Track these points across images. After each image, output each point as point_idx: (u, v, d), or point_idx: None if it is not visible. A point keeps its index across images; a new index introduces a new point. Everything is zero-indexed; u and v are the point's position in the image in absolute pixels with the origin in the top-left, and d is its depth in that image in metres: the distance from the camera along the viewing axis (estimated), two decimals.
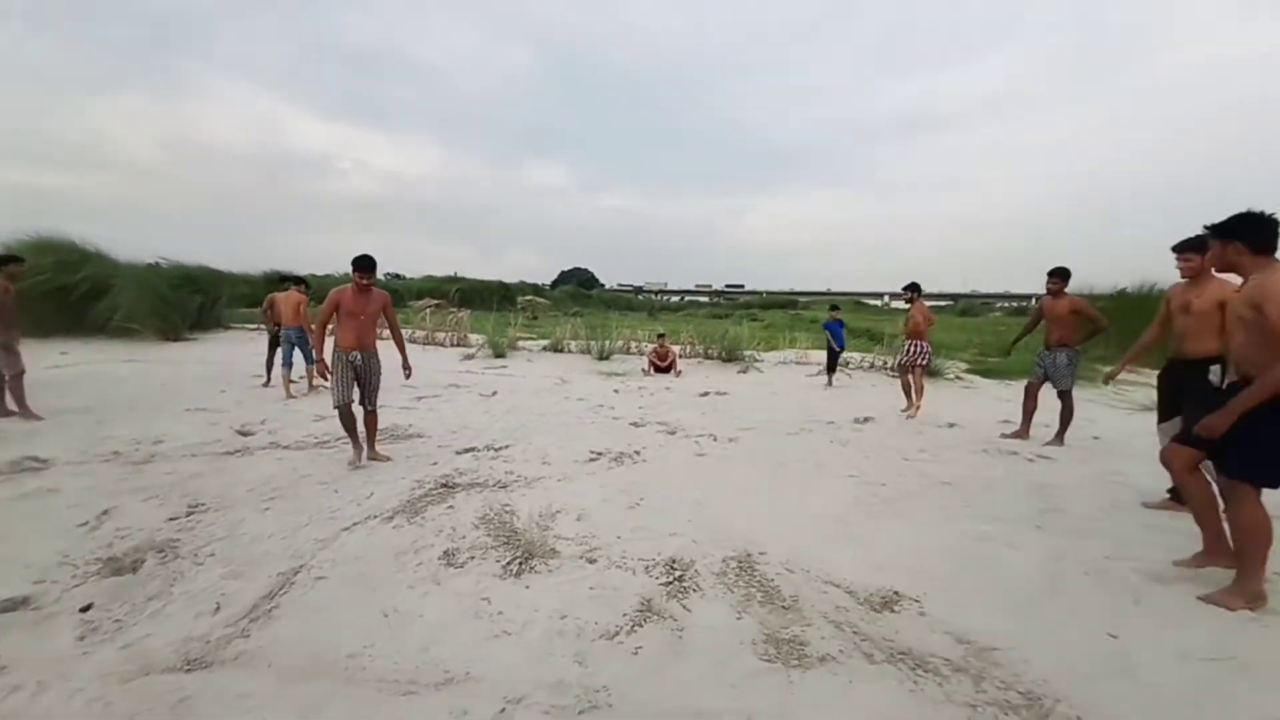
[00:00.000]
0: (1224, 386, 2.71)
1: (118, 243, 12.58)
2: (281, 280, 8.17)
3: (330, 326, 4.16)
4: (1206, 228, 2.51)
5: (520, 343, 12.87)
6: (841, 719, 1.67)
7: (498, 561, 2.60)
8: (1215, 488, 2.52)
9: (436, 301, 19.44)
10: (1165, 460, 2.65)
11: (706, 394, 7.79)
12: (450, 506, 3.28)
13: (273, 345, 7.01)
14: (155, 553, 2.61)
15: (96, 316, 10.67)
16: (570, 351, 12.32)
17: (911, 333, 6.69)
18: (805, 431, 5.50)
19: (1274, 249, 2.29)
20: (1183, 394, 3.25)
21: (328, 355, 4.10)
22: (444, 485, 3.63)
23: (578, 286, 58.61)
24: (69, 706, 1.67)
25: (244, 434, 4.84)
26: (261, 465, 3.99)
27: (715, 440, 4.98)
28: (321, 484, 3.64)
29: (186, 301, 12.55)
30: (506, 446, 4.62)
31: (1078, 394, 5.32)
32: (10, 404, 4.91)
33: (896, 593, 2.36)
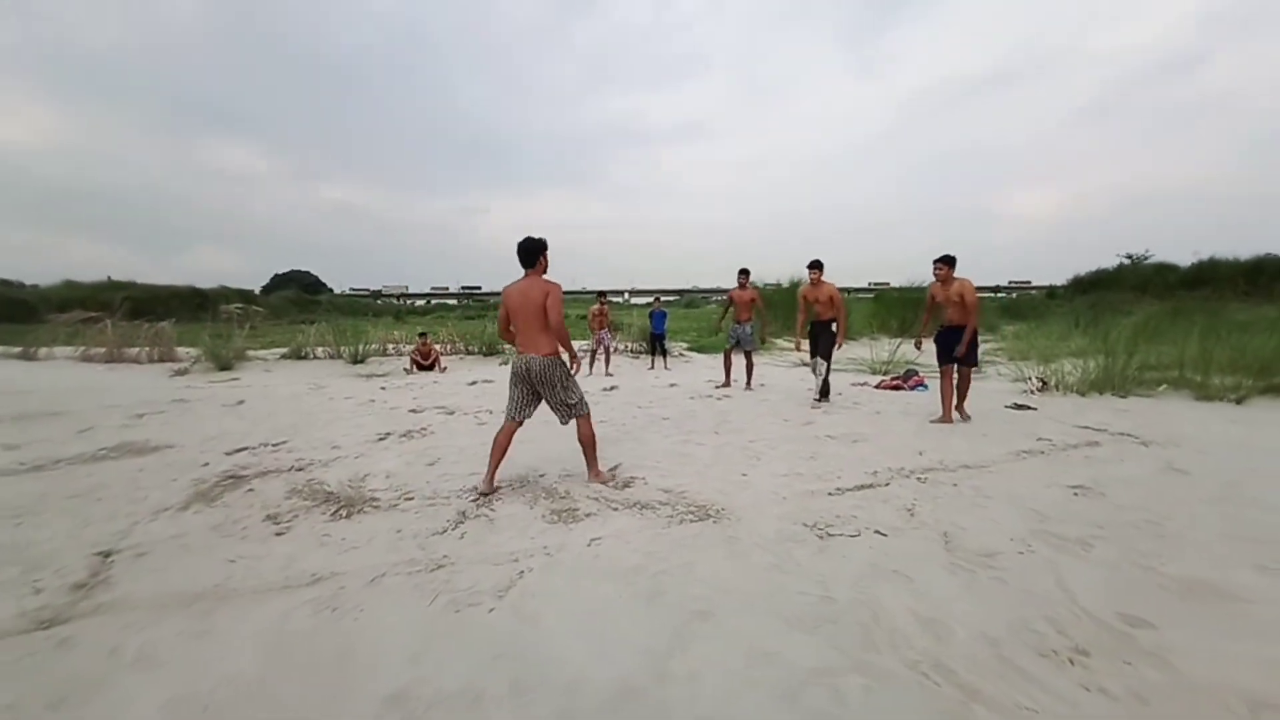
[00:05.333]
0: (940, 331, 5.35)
1: None
2: None
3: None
4: (935, 261, 5.17)
5: (249, 353, 11.51)
6: (600, 535, 2.75)
7: (323, 514, 3.07)
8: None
9: (93, 315, 15.51)
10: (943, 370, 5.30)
11: (475, 383, 8.46)
12: (250, 490, 3.48)
13: None
14: None
15: None
16: (316, 358, 11.52)
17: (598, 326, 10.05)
18: None
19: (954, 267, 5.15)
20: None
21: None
22: (231, 478, 3.73)
23: (301, 291, 51.33)
24: None
25: None
26: None
27: (491, 414, 5.79)
28: (72, 498, 3.40)
29: None
30: (284, 442, 4.70)
31: (755, 358, 7.61)
32: None
33: (632, 477, 3.59)
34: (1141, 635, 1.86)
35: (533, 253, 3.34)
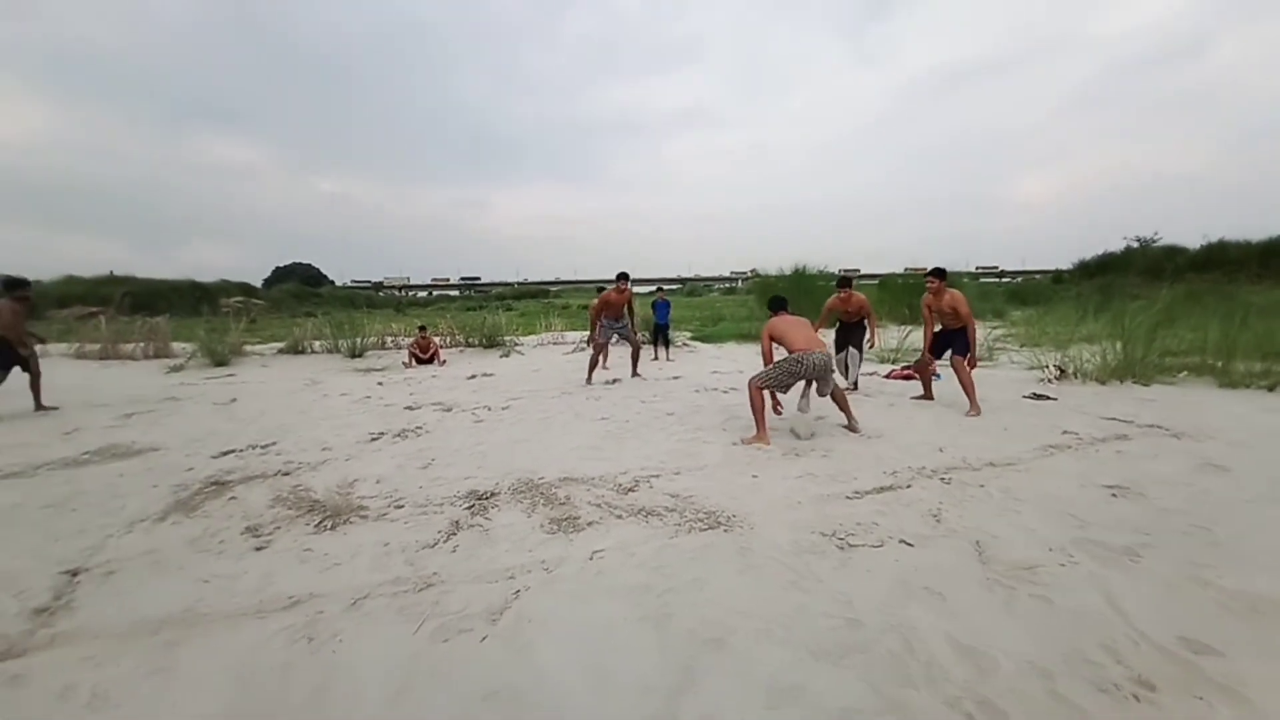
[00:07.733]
0: (937, 333, 5.58)
1: None
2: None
3: None
4: (927, 273, 5.49)
5: (246, 348, 11.34)
6: (603, 547, 2.55)
7: (307, 525, 2.87)
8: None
9: (93, 310, 15.42)
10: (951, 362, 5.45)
11: (474, 376, 8.26)
12: (232, 498, 3.29)
13: None
14: None
15: None
16: (314, 352, 11.34)
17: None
18: (565, 395, 6.47)
19: (945, 279, 5.36)
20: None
21: None
22: (214, 484, 3.54)
23: (301, 284, 51.20)
24: None
25: None
26: None
27: (490, 410, 5.59)
28: (46, 507, 3.22)
29: None
30: (274, 443, 4.51)
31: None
32: None
33: (635, 480, 3.39)
34: (1208, 664, 1.66)
35: (787, 300, 4.75)
